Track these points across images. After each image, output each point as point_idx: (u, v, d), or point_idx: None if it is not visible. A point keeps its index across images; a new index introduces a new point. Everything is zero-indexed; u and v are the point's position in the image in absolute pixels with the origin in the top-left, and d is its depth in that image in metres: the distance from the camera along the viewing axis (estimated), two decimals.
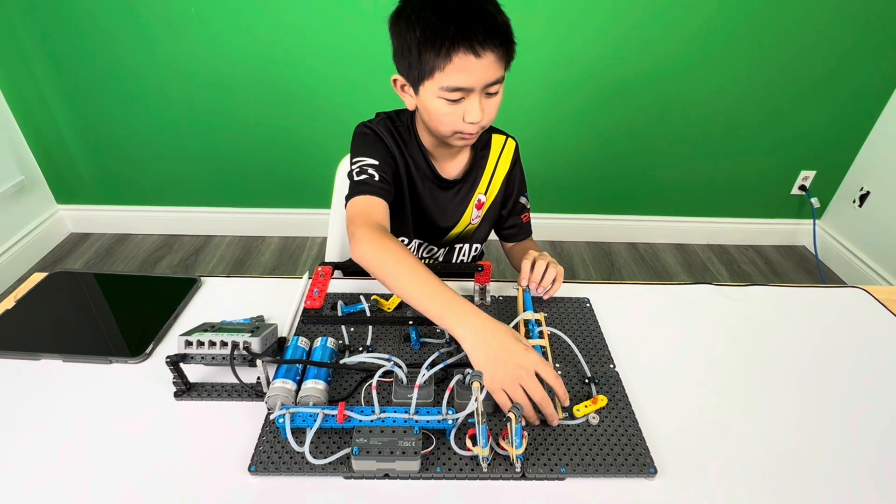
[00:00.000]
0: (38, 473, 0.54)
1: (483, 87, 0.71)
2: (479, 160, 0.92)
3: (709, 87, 1.86)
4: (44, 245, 2.01)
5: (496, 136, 0.95)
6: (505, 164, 0.95)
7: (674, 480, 0.56)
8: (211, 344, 0.62)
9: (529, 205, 1.01)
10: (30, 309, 0.76)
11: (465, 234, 0.98)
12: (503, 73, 0.73)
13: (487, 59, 0.68)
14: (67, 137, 1.92)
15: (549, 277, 0.79)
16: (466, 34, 0.66)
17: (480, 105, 0.73)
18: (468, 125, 0.74)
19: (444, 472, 0.55)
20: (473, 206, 0.94)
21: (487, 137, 0.93)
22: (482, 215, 0.97)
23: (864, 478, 0.57)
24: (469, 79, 0.70)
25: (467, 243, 1.00)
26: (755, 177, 2.09)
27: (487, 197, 0.95)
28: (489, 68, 0.69)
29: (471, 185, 0.93)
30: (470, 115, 0.73)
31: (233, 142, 1.94)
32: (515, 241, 1.02)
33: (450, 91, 0.70)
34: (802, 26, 1.74)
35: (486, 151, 0.93)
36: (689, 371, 0.70)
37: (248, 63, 1.77)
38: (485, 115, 0.74)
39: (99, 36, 1.70)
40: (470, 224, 0.96)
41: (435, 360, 0.64)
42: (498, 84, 0.73)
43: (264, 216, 2.12)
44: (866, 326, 0.80)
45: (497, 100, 0.75)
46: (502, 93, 0.76)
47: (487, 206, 0.96)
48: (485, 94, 0.73)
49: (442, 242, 0.98)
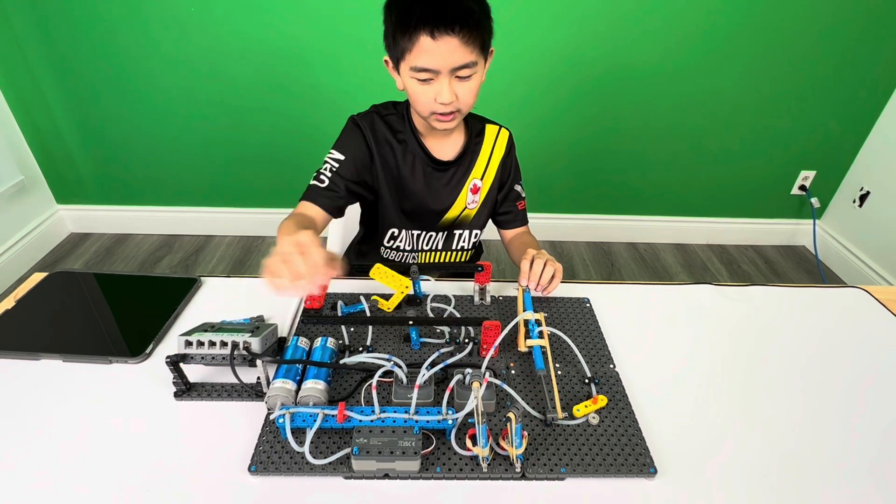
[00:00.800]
0: (38, 473, 0.54)
1: (450, 69, 0.74)
2: (473, 146, 0.95)
3: (709, 86, 1.86)
4: (44, 245, 2.01)
5: (490, 126, 0.97)
6: (500, 151, 0.97)
7: (674, 480, 0.56)
8: (211, 344, 0.62)
9: (524, 193, 1.03)
10: (30, 309, 0.76)
11: (463, 219, 0.99)
12: (473, 59, 0.74)
13: (449, 42, 0.71)
14: (67, 137, 1.92)
15: (548, 275, 0.80)
16: (427, 18, 0.71)
17: (450, 87, 0.76)
18: (441, 106, 0.78)
19: (444, 472, 0.55)
20: (468, 190, 0.96)
21: (481, 127, 0.96)
22: (480, 201, 0.98)
23: (864, 477, 0.57)
24: (432, 61, 0.73)
25: (466, 229, 1.01)
26: (755, 177, 2.09)
27: (484, 182, 0.97)
28: (454, 52, 0.72)
29: (465, 168, 0.95)
30: (440, 96, 0.76)
31: (233, 142, 1.94)
32: (511, 228, 1.03)
33: (417, 71, 0.75)
34: (803, 26, 1.74)
35: (479, 139, 0.96)
36: (689, 371, 0.70)
37: (249, 63, 1.77)
38: (459, 99, 0.78)
39: (99, 36, 1.70)
40: (466, 209, 0.98)
41: (435, 360, 0.64)
42: (468, 69, 0.75)
43: (264, 216, 2.12)
44: (866, 326, 0.80)
45: (472, 84, 0.78)
46: (479, 78, 0.78)
47: (485, 192, 0.98)
48: (455, 78, 0.76)
49: (438, 227, 0.99)
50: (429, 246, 1.01)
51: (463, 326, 0.74)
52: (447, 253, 1.03)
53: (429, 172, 0.93)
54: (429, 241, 1.01)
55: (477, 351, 0.70)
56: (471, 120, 0.95)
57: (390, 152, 0.91)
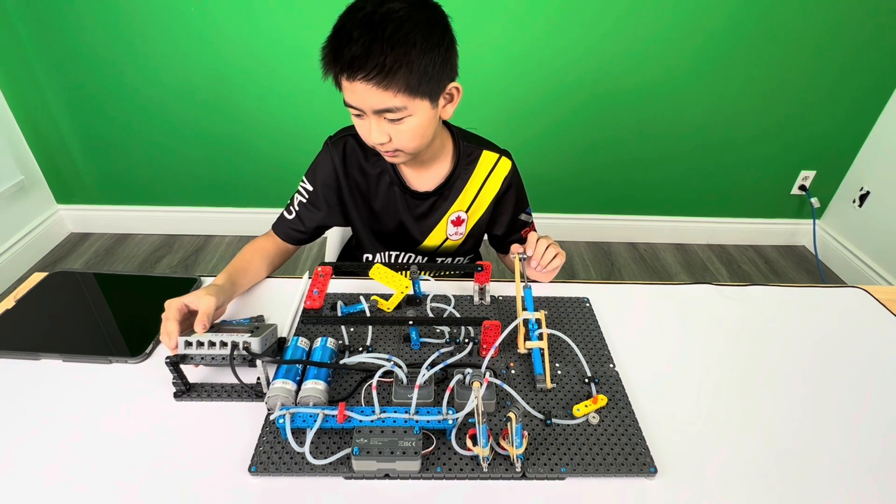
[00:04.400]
0: (37, 473, 0.54)
1: (373, 111, 0.70)
2: (461, 174, 0.88)
3: (709, 86, 1.86)
4: (44, 245, 2.01)
5: (488, 153, 0.89)
6: (495, 184, 0.90)
7: (674, 480, 0.56)
8: (211, 344, 0.62)
9: (532, 219, 0.97)
10: (30, 309, 0.76)
11: (446, 248, 0.95)
12: (398, 104, 0.68)
13: (362, 86, 0.66)
14: (67, 137, 1.92)
15: (550, 256, 0.81)
16: (335, 60, 0.67)
17: (379, 127, 0.72)
18: (375, 144, 0.75)
19: (444, 472, 0.55)
20: (448, 222, 0.91)
21: (477, 153, 0.89)
22: (465, 233, 0.94)
23: (864, 477, 0.57)
24: (354, 100, 0.70)
25: (449, 257, 0.98)
26: (755, 177, 2.09)
27: (470, 215, 0.92)
28: (368, 95, 0.67)
29: (447, 200, 0.90)
30: (370, 136, 0.73)
31: (233, 142, 1.94)
32: None
33: (347, 106, 0.72)
34: (804, 26, 1.74)
35: (470, 167, 0.89)
36: (689, 371, 0.70)
37: (249, 63, 1.77)
38: (394, 140, 0.73)
39: (99, 35, 1.70)
40: (448, 240, 0.94)
41: (435, 360, 0.64)
42: (394, 112, 0.69)
43: (264, 216, 2.11)
44: (866, 326, 0.80)
45: (406, 128, 0.71)
46: (417, 121, 0.71)
47: (471, 225, 0.93)
48: (385, 119, 0.71)
49: (418, 251, 0.96)
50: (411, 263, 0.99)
51: (463, 326, 0.74)
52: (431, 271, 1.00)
53: (405, 199, 0.89)
54: (409, 261, 0.97)
55: (477, 351, 0.70)
56: (464, 144, 0.88)
57: (361, 177, 0.88)
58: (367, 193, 0.90)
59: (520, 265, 0.79)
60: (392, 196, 0.89)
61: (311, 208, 0.90)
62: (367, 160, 0.87)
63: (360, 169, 0.88)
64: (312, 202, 0.90)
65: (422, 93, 0.69)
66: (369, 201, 0.90)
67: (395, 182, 0.88)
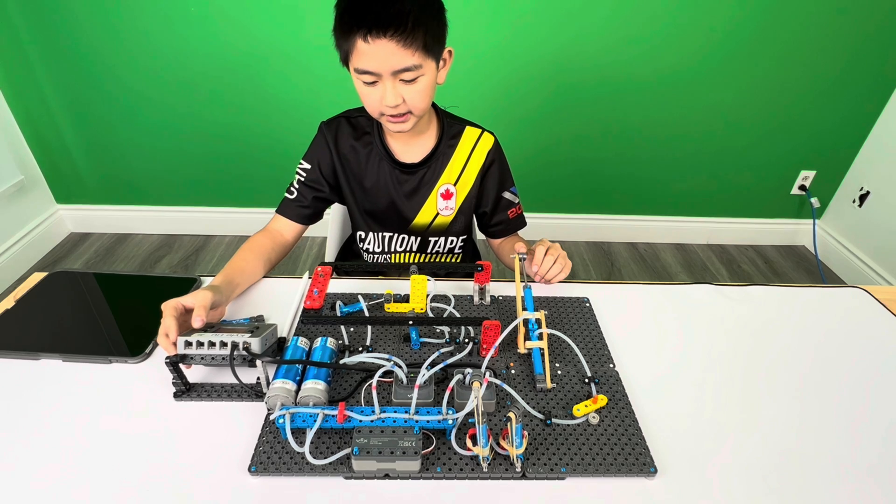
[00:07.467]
0: (37, 473, 0.54)
1: (391, 72, 0.73)
2: (445, 148, 0.92)
3: (709, 86, 1.86)
4: (44, 245, 2.01)
5: (470, 128, 0.93)
6: (479, 157, 0.93)
7: (674, 480, 0.56)
8: (211, 344, 0.62)
9: (518, 199, 0.99)
10: (30, 309, 0.76)
11: (437, 226, 0.97)
12: (415, 62, 0.72)
13: (384, 45, 0.69)
14: (67, 137, 1.92)
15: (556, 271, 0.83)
16: (359, 21, 0.69)
17: (395, 90, 0.74)
18: (388, 108, 0.76)
19: (444, 472, 0.55)
20: (438, 195, 0.94)
21: (459, 129, 0.92)
22: (456, 208, 0.95)
23: (865, 477, 0.57)
24: (371, 63, 0.72)
25: (441, 236, 0.99)
26: (755, 177, 2.09)
27: (458, 188, 0.94)
28: (391, 55, 0.70)
29: (434, 171, 0.92)
30: (385, 99, 0.75)
31: (233, 141, 1.94)
32: (504, 237, 1.01)
33: (360, 74, 0.74)
34: (803, 27, 1.74)
35: (454, 141, 0.92)
36: (689, 371, 0.70)
37: (249, 63, 1.76)
38: (407, 102, 0.76)
39: (99, 35, 1.70)
40: (439, 215, 0.95)
41: (435, 360, 0.64)
42: (410, 72, 0.73)
43: (264, 216, 2.09)
44: (866, 326, 0.80)
45: (419, 87, 0.75)
46: (428, 80, 0.76)
47: (461, 199, 0.95)
48: (400, 81, 0.74)
49: (410, 231, 0.97)
50: (402, 248, 0.99)
51: (463, 326, 0.74)
52: (424, 255, 1.01)
53: (395, 175, 0.91)
54: (402, 243, 0.99)
55: (477, 351, 0.70)
56: (447, 120, 0.92)
57: (353, 155, 0.91)
58: (359, 172, 0.92)
59: (520, 265, 0.79)
60: (383, 173, 0.92)
61: (311, 184, 0.93)
62: (359, 139, 0.91)
63: (352, 148, 0.91)
64: (311, 179, 0.93)
65: (433, 52, 0.74)
66: (361, 180, 0.93)
67: (384, 158, 0.90)
